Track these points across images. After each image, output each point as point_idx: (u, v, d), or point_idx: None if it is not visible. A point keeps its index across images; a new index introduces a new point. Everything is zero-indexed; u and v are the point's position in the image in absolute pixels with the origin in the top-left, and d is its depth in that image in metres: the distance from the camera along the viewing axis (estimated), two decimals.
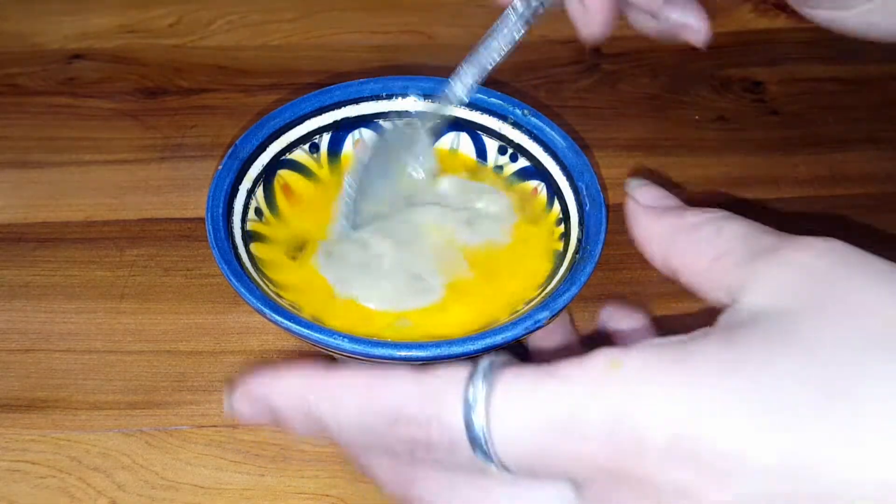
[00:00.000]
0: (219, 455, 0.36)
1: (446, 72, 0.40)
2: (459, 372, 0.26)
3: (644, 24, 0.38)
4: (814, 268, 0.25)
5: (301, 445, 0.36)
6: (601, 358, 0.25)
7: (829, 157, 0.48)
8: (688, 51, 0.49)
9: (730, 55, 0.53)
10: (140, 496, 0.34)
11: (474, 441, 0.25)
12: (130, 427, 0.37)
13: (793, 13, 0.38)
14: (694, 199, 0.46)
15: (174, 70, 0.52)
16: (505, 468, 0.26)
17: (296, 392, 0.27)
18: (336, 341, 0.30)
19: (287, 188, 0.39)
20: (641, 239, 0.30)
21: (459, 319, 0.34)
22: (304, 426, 0.28)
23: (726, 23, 0.55)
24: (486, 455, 0.25)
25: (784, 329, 0.24)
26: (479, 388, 0.25)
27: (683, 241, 0.29)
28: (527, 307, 0.33)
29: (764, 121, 0.50)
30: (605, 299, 0.37)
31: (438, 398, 0.26)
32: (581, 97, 0.51)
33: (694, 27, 0.37)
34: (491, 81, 0.40)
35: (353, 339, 0.30)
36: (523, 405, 0.25)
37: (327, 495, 0.35)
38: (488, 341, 0.31)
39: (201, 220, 0.34)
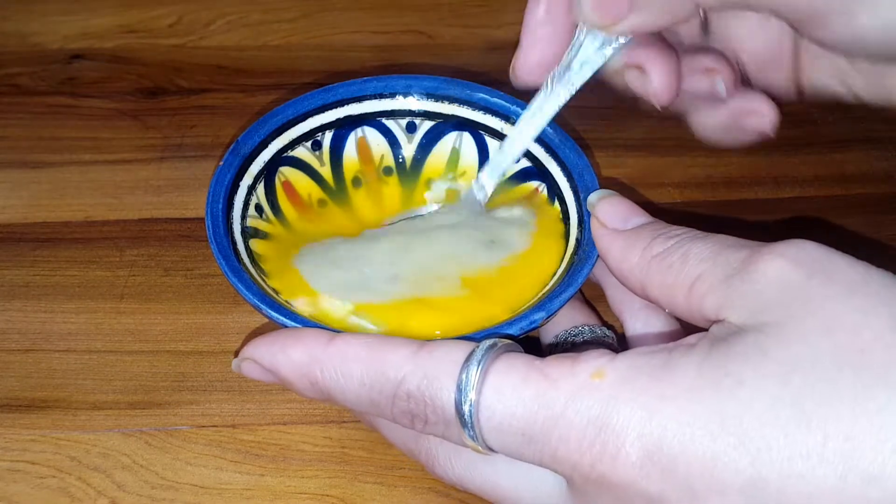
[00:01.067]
0: (219, 455, 0.36)
1: (447, 72, 0.40)
2: (456, 353, 0.27)
3: (705, 123, 0.36)
4: (788, 281, 0.25)
5: (301, 445, 0.36)
6: (588, 365, 0.26)
7: (829, 156, 0.48)
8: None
9: None
10: (140, 496, 0.34)
11: (464, 423, 0.26)
12: (130, 427, 0.37)
13: None
14: (692, 201, 0.46)
15: (174, 70, 0.52)
16: (493, 451, 0.27)
17: (302, 365, 0.29)
18: None
19: (288, 185, 0.39)
20: (617, 274, 0.31)
21: (423, 323, 0.34)
22: (312, 394, 0.29)
23: None
24: (475, 438, 0.27)
25: (760, 348, 0.24)
26: (473, 374, 0.26)
27: (656, 272, 0.29)
28: (523, 307, 0.33)
29: None
30: (604, 299, 0.38)
31: (434, 379, 0.27)
32: (581, 97, 0.51)
33: (762, 111, 0.34)
34: (491, 81, 0.40)
35: None
36: (511, 399, 0.26)
37: (327, 495, 0.35)
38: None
39: (201, 219, 0.34)
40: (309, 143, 0.39)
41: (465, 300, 0.34)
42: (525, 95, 0.38)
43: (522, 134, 0.37)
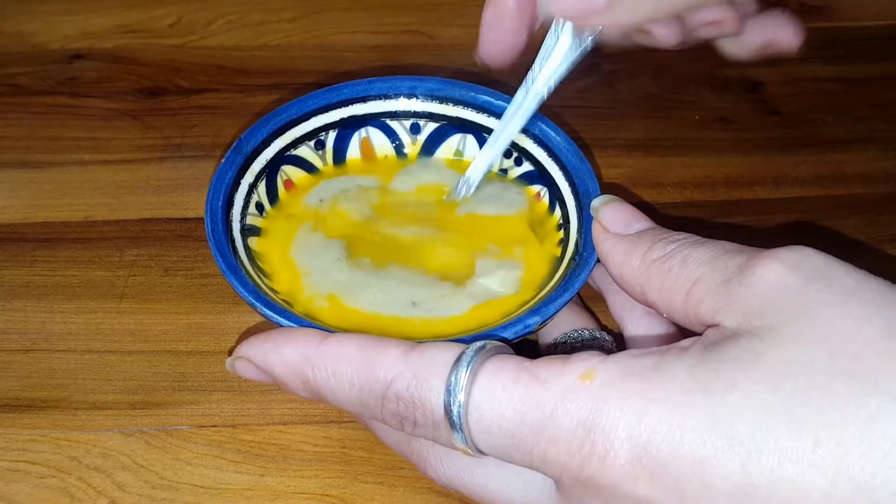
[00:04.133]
0: (219, 455, 0.36)
1: (447, 72, 0.40)
2: (446, 354, 0.27)
3: (730, 49, 0.37)
4: (784, 285, 0.25)
5: (301, 445, 0.36)
6: (578, 366, 0.26)
7: (829, 156, 0.48)
8: (688, 51, 0.49)
9: None
10: (140, 496, 0.34)
11: (453, 425, 0.26)
12: (130, 427, 0.37)
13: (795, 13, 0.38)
14: (692, 201, 0.46)
15: (174, 70, 0.52)
16: (482, 453, 0.27)
17: (294, 364, 0.29)
18: None
19: (290, 184, 0.39)
20: (617, 278, 0.31)
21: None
22: (304, 393, 0.29)
23: None
24: (464, 440, 0.26)
25: (754, 352, 0.24)
26: (462, 375, 0.26)
27: (655, 276, 0.29)
28: (519, 310, 0.33)
29: (764, 121, 0.50)
30: (602, 303, 0.37)
31: (423, 380, 0.27)
32: (581, 97, 0.51)
33: (785, 40, 0.36)
34: (492, 82, 0.40)
35: None
36: (500, 401, 0.26)
37: (327, 495, 0.35)
38: None
39: (201, 219, 0.34)
40: (312, 143, 0.39)
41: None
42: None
43: (506, 131, 0.37)
